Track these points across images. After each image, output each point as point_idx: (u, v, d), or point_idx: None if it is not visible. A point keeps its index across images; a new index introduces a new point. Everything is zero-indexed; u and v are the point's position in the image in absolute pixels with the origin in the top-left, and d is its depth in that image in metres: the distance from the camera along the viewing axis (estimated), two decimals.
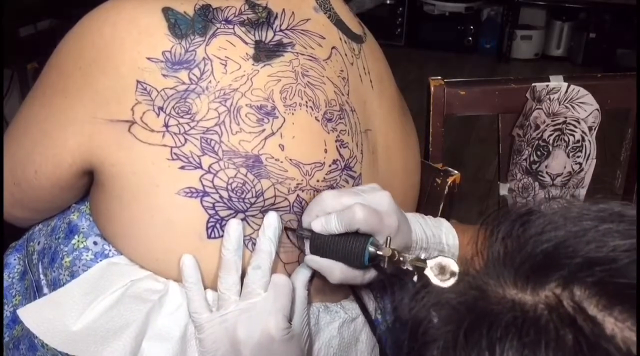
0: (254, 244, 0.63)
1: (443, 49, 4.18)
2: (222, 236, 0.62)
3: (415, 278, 0.61)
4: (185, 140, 0.61)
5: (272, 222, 0.62)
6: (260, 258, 0.62)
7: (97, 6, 0.64)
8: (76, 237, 0.68)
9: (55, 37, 0.67)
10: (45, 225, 0.73)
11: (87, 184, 0.69)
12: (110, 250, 0.66)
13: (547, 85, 1.10)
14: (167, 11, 0.62)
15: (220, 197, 0.61)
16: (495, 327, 0.34)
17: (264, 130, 0.62)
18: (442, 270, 0.58)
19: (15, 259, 0.75)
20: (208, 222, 0.62)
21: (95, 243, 0.67)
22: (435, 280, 0.58)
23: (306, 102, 0.64)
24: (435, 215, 0.82)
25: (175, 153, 0.61)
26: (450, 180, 0.86)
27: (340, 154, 0.67)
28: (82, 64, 0.62)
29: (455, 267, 0.57)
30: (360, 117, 0.70)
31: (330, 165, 0.66)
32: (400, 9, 4.27)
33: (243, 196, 0.62)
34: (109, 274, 0.65)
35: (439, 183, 0.88)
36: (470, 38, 4.22)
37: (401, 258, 0.61)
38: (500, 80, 1.14)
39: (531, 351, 0.33)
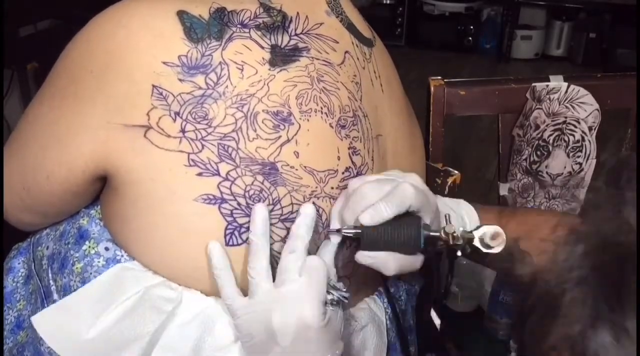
0: (272, 256, 0.62)
1: (443, 49, 4.18)
2: (241, 244, 0.62)
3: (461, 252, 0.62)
4: (203, 146, 0.60)
5: (309, 212, 0.61)
6: (295, 243, 0.60)
7: (107, 7, 0.63)
8: (87, 242, 0.67)
9: (55, 37, 0.66)
10: (54, 230, 0.72)
11: (99, 189, 0.68)
12: (122, 256, 0.65)
13: (547, 85, 1.10)
14: (182, 14, 0.61)
15: (238, 204, 0.61)
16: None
17: (280, 136, 0.61)
18: (492, 236, 0.60)
19: (19, 263, 0.74)
20: (226, 229, 0.61)
21: (107, 249, 0.66)
22: (484, 249, 0.59)
23: (321, 108, 0.64)
24: None
25: (192, 160, 0.60)
26: (450, 180, 0.86)
27: (352, 162, 0.66)
28: (94, 68, 0.61)
29: (501, 231, 0.59)
30: (372, 122, 0.70)
31: (343, 173, 0.65)
32: (400, 9, 4.27)
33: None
34: (122, 280, 0.64)
35: (439, 184, 0.88)
36: (470, 38, 4.22)
37: (454, 234, 0.61)
38: (500, 80, 1.14)
39: None
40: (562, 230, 0.47)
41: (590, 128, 1.13)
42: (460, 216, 0.72)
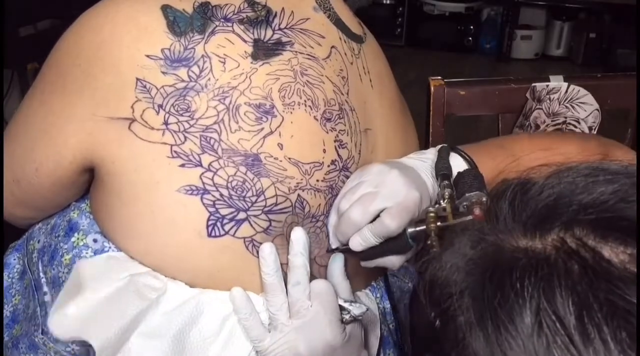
0: (254, 246, 0.63)
1: (443, 49, 4.19)
2: (223, 235, 0.62)
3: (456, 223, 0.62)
4: (185, 138, 0.61)
5: (299, 237, 0.63)
6: (298, 274, 0.63)
7: (95, 4, 0.64)
8: (76, 234, 0.68)
9: (55, 37, 0.67)
10: (45, 224, 0.73)
11: (88, 181, 0.69)
12: (110, 247, 0.66)
13: (547, 85, 1.10)
14: (165, 8, 0.62)
15: (221, 194, 0.61)
16: (514, 270, 0.41)
17: (262, 128, 0.62)
18: (475, 204, 0.60)
19: (15, 259, 0.75)
20: (208, 219, 0.62)
21: (95, 240, 0.67)
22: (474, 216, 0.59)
23: (305, 101, 0.64)
24: None
25: (175, 151, 0.61)
26: None
27: (338, 155, 0.67)
28: (80, 61, 0.62)
29: (484, 198, 0.60)
30: (360, 116, 0.70)
31: (329, 166, 0.66)
32: (400, 8, 4.27)
33: (244, 194, 0.62)
34: (107, 268, 0.65)
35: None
36: (470, 38, 4.22)
37: (439, 222, 0.62)
38: (500, 80, 1.14)
39: (546, 283, 0.40)
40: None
41: (590, 129, 1.13)
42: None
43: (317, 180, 0.65)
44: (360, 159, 0.70)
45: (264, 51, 0.64)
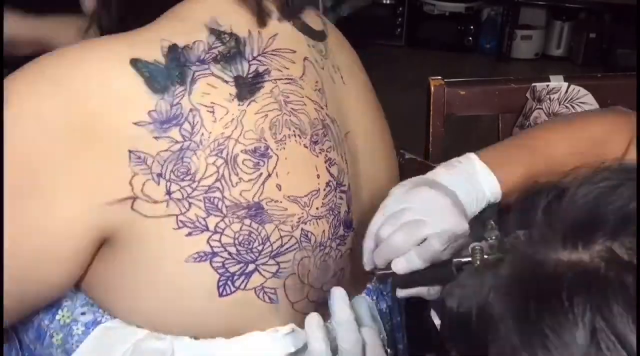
0: (265, 293, 0.61)
1: (443, 49, 4.18)
2: (234, 291, 0.60)
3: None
4: (190, 204, 0.57)
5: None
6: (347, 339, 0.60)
7: (42, 61, 0.56)
8: (60, 312, 0.64)
9: None
10: None
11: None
12: (102, 316, 0.63)
13: (547, 85, 1.10)
14: (136, 63, 0.56)
15: (229, 254, 0.59)
16: (561, 286, 0.37)
17: (261, 174, 0.59)
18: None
19: None
20: (219, 281, 0.59)
21: (83, 313, 0.63)
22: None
23: (293, 131, 0.62)
24: None
25: (181, 221, 0.57)
26: None
27: (330, 174, 0.65)
28: (59, 145, 0.54)
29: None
30: (339, 123, 0.68)
31: (324, 189, 0.64)
32: (400, 8, 4.26)
33: (251, 247, 0.60)
34: (107, 340, 0.62)
35: None
36: (470, 38, 4.21)
37: (485, 256, 0.59)
38: (500, 80, 1.14)
39: (600, 299, 0.36)
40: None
41: None
42: (481, 189, 0.69)
43: (317, 208, 0.63)
44: (349, 167, 0.68)
45: (247, 88, 0.60)
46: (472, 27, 4.20)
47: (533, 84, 1.10)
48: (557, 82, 1.11)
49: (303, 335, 0.62)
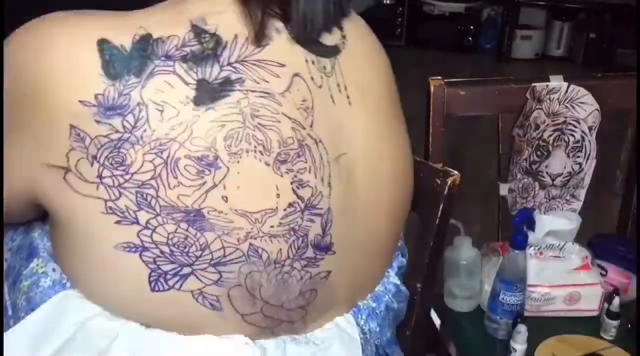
0: (205, 298, 0.60)
1: (443, 49, 4.18)
2: (167, 289, 0.59)
3: None
4: (120, 193, 0.57)
5: None
6: None
7: (27, 25, 0.60)
8: (35, 260, 0.66)
9: None
10: (11, 241, 0.71)
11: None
12: (67, 281, 0.64)
13: (547, 85, 1.10)
14: (102, 44, 0.56)
15: (161, 251, 0.58)
16: None
17: (205, 182, 0.58)
18: None
19: None
20: (150, 275, 0.59)
21: (54, 269, 0.64)
22: None
23: (255, 147, 0.59)
24: (435, 216, 0.81)
25: (110, 207, 0.57)
26: (450, 180, 0.86)
27: (298, 196, 0.62)
28: (21, 96, 0.58)
29: None
30: (328, 146, 0.64)
31: (285, 209, 0.61)
32: (400, 8, 4.27)
33: (186, 250, 0.58)
34: (61, 310, 0.63)
35: (439, 184, 0.88)
36: (470, 38, 4.22)
37: None
38: (500, 80, 1.14)
39: None
40: None
41: (590, 129, 1.13)
42: None
43: (272, 227, 0.60)
44: (333, 191, 0.65)
45: (209, 94, 0.58)
46: (472, 27, 4.20)
47: (533, 84, 1.10)
48: (557, 82, 1.10)
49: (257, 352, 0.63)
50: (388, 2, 4.27)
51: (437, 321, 1.09)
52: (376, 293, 0.75)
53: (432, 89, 1.08)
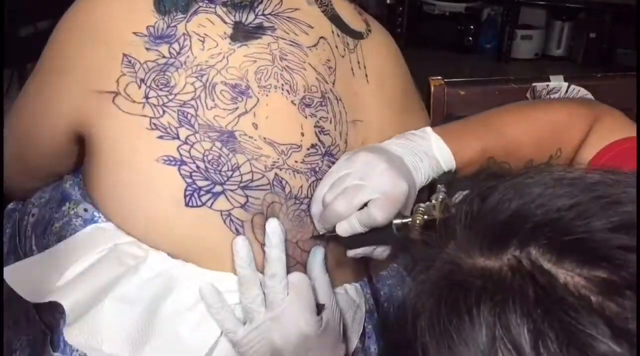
0: (232, 221, 0.64)
1: (443, 48, 4.18)
2: (200, 206, 0.63)
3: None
4: (164, 111, 0.64)
5: (274, 229, 0.64)
6: (273, 266, 0.63)
7: None
8: (67, 203, 0.69)
9: None
10: (39, 198, 0.74)
11: (82, 153, 0.71)
12: (100, 217, 0.67)
13: (547, 85, 1.10)
14: None
15: (197, 167, 0.63)
16: (469, 293, 0.39)
17: (237, 108, 0.65)
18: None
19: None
20: (186, 190, 0.63)
21: (85, 210, 0.68)
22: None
23: (282, 85, 0.67)
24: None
25: (154, 124, 0.64)
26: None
27: (320, 140, 0.68)
28: (75, 40, 0.67)
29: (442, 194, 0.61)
30: (347, 107, 0.71)
31: (308, 149, 0.67)
32: (400, 8, 4.26)
33: (219, 168, 0.64)
34: (94, 238, 0.66)
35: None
36: (470, 38, 4.21)
37: (425, 216, 0.62)
38: (500, 80, 1.14)
39: (501, 308, 0.37)
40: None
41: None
42: (434, 157, 0.70)
43: (296, 161, 0.66)
44: (348, 149, 0.70)
45: (243, 33, 0.67)
46: (472, 27, 4.20)
47: (533, 84, 1.10)
48: (557, 82, 1.11)
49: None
50: (388, 2, 4.27)
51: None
52: (377, 274, 0.78)
53: (432, 88, 1.08)
